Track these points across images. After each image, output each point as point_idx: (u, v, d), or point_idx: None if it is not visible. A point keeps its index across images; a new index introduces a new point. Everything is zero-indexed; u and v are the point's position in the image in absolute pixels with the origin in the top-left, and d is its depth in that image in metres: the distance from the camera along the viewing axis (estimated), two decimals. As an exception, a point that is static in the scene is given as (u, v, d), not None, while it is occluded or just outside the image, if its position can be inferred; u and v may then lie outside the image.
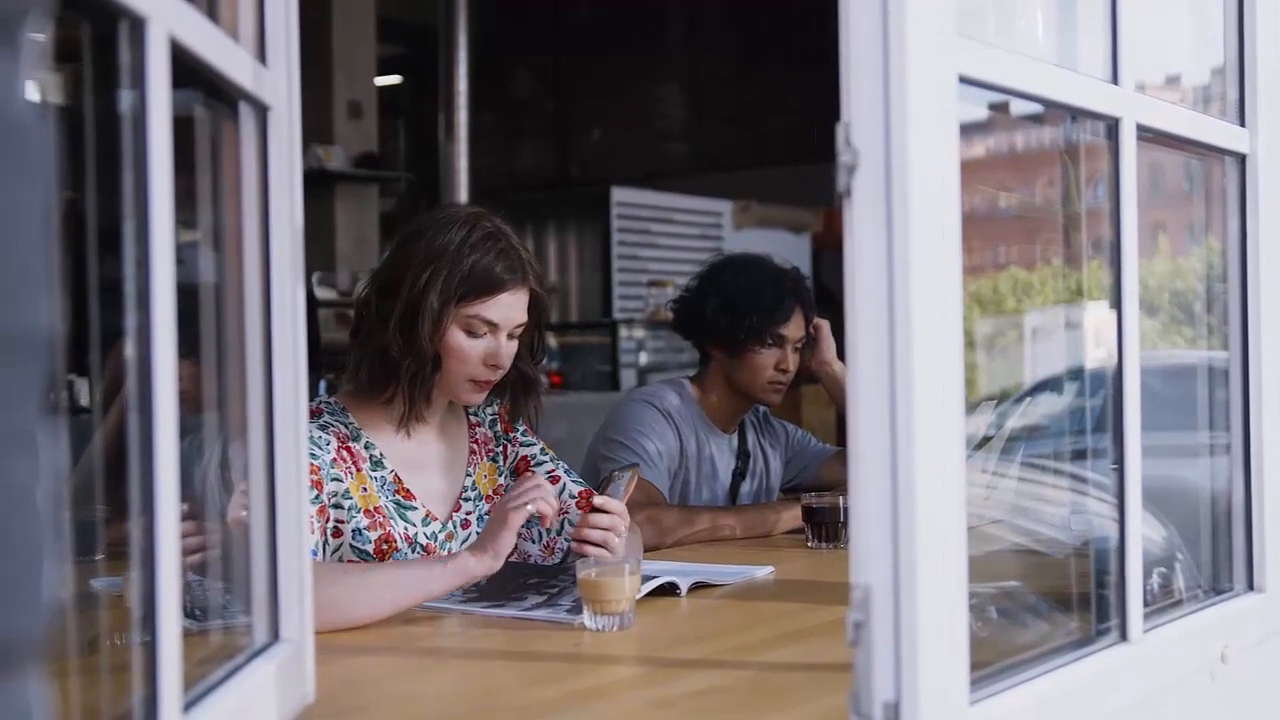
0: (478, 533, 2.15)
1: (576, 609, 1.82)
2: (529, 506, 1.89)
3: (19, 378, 0.51)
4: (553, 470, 2.26)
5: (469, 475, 2.21)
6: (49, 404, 0.53)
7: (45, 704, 0.55)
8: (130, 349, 0.95)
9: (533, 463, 2.26)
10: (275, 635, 1.30)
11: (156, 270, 0.95)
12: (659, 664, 1.65)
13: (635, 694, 1.52)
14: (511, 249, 2.08)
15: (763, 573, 2.24)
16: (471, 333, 2.07)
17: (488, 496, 2.22)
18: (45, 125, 0.53)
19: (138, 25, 0.94)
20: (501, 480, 2.25)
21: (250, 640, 1.27)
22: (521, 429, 2.30)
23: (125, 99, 0.95)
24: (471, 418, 2.27)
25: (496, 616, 1.88)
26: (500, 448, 2.27)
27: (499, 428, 2.28)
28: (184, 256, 1.01)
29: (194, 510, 1.25)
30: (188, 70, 1.04)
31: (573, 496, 2.24)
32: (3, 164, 0.50)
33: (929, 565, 1.10)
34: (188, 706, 1.02)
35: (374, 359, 2.08)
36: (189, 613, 1.15)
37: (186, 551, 1.26)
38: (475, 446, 2.24)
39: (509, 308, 2.08)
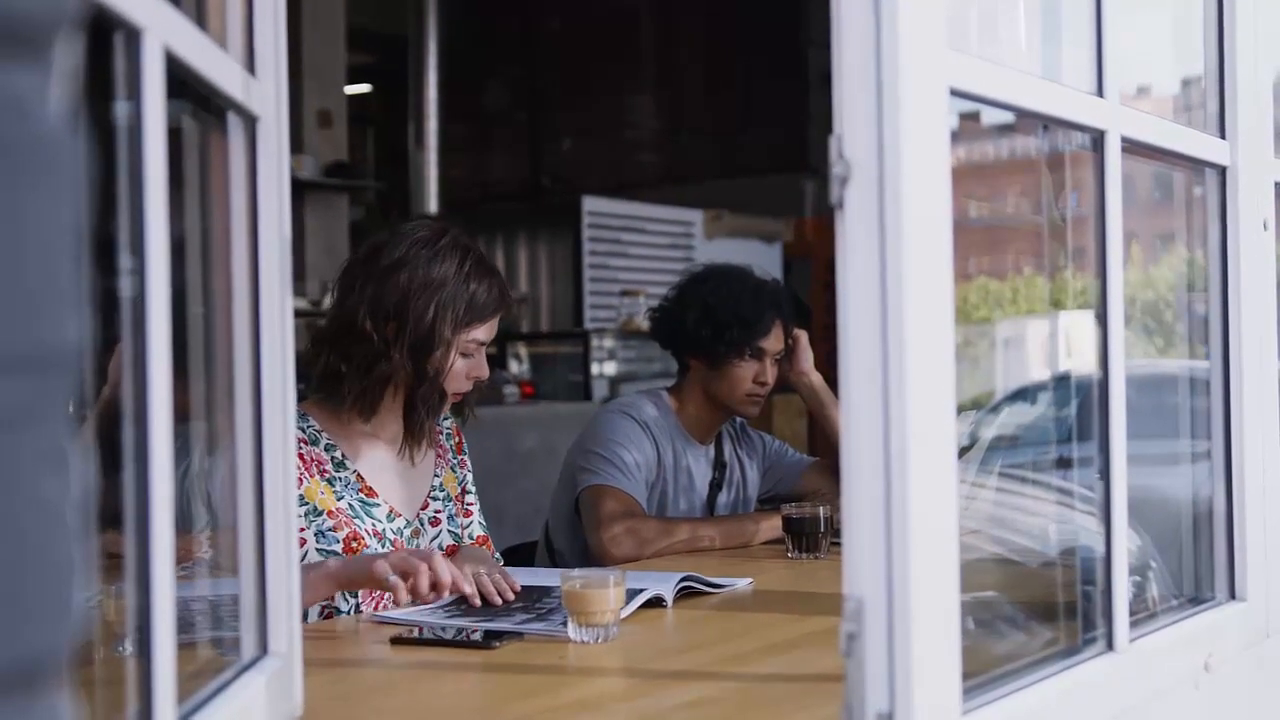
0: (448, 530, 2.28)
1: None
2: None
3: (50, 394, 0.50)
4: (472, 504, 2.39)
5: (437, 476, 2.30)
6: (76, 420, 0.53)
7: (77, 718, 0.54)
8: (123, 359, 0.94)
9: (466, 489, 2.38)
10: (264, 649, 1.29)
11: (151, 281, 0.94)
12: (647, 676, 1.64)
13: (625, 706, 1.51)
14: (497, 272, 2.21)
15: (742, 584, 2.24)
16: (465, 354, 2.17)
17: (455, 498, 2.32)
18: (75, 140, 0.53)
19: (133, 36, 0.93)
20: (459, 489, 2.35)
21: (239, 654, 1.26)
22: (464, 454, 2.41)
23: (120, 109, 0.94)
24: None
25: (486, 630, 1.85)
26: (458, 460, 2.38)
27: (452, 443, 2.38)
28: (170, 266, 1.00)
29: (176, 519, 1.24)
30: (178, 80, 1.04)
31: (472, 537, 2.35)
32: (36, 179, 0.49)
33: (922, 576, 1.10)
34: (180, 722, 1.01)
35: (377, 383, 2.13)
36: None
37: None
38: (440, 450, 2.33)
39: (494, 327, 2.21)
